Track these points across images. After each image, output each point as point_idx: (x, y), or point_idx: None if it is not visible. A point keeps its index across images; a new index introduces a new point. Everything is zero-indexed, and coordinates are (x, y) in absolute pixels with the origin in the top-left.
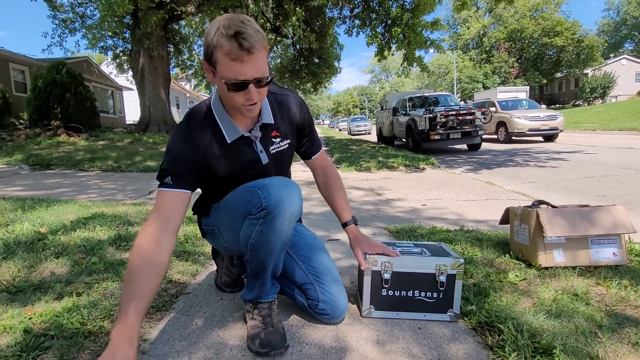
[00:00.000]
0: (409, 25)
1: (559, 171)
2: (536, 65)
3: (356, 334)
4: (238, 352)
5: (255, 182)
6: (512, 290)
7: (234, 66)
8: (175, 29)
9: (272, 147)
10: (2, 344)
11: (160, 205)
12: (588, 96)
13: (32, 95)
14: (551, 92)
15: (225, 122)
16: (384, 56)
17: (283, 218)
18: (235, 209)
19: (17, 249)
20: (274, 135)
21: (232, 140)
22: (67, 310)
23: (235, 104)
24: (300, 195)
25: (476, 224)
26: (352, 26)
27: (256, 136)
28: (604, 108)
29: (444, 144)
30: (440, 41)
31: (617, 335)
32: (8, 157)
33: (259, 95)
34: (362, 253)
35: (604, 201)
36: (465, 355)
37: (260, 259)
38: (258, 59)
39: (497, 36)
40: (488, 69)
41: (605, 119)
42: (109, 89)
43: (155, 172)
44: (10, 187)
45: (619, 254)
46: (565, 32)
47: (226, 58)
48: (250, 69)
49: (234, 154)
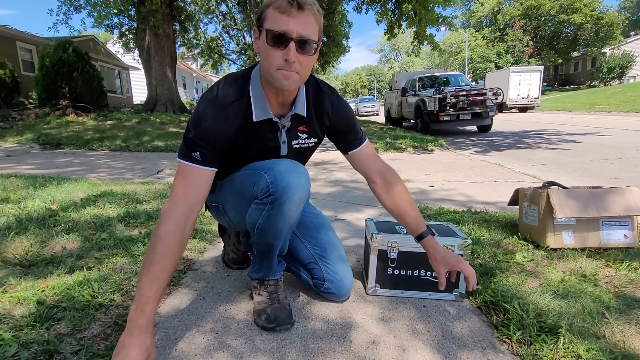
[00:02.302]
0: (420, 2)
1: (571, 153)
2: (552, 44)
3: (361, 311)
4: (245, 327)
5: (261, 163)
6: (519, 271)
7: (280, 18)
8: (181, 7)
9: (295, 142)
10: (17, 314)
11: (187, 183)
12: (605, 76)
13: (40, 75)
14: (566, 72)
15: (257, 99)
16: (394, 34)
17: (291, 204)
18: (240, 190)
19: (29, 225)
20: (302, 130)
21: (258, 120)
22: (78, 283)
23: (271, 67)
24: (308, 180)
25: (484, 205)
26: (362, 2)
27: (284, 125)
28: (621, 89)
29: (454, 126)
30: (452, 18)
31: (625, 316)
32: (19, 137)
33: (298, 64)
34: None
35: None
36: (469, 333)
37: (267, 241)
38: (307, 18)
39: (512, 13)
40: (501, 48)
41: (622, 100)
42: (116, 68)
43: (163, 152)
44: (22, 166)
45: (630, 236)
46: (585, 8)
47: (275, 11)
48: (296, 24)
49: (256, 135)
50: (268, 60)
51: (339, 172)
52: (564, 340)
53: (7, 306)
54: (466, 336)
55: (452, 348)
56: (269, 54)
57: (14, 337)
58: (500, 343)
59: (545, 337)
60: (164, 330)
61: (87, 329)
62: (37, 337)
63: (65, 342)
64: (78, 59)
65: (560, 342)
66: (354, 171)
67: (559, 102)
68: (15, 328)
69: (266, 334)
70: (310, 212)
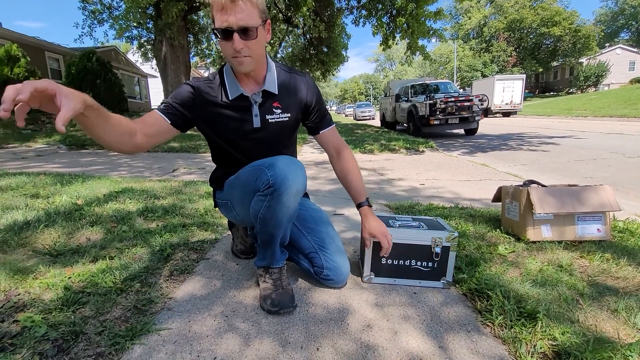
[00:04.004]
0: (413, 15)
1: (550, 154)
2: (533, 54)
3: (357, 297)
4: (251, 310)
5: (262, 160)
6: (501, 261)
7: (220, 15)
8: (194, 20)
9: (270, 116)
10: (46, 298)
11: (144, 117)
12: (582, 84)
13: (66, 82)
14: (546, 80)
15: (230, 81)
16: (389, 45)
17: (289, 194)
18: (245, 185)
19: (57, 218)
20: (275, 105)
21: (233, 98)
22: (101, 271)
23: (227, 56)
24: (304, 173)
25: (470, 202)
26: (359, 16)
27: (255, 100)
28: (597, 96)
29: (443, 129)
30: (442, 31)
31: (598, 302)
32: (48, 138)
33: (247, 49)
34: (369, 236)
35: (591, 183)
36: (455, 318)
37: (269, 230)
38: (243, 9)
39: (497, 26)
40: (487, 58)
41: (597, 106)
42: (135, 76)
43: (178, 153)
44: (50, 164)
45: (603, 230)
46: (563, 22)
47: (216, 11)
48: (233, 17)
49: (232, 112)
50: (224, 52)
51: None
52: (541, 324)
53: (37, 291)
54: (453, 320)
55: (440, 331)
56: (222, 47)
57: (44, 319)
58: (483, 327)
59: (524, 322)
60: (178, 313)
61: (109, 312)
62: (64, 319)
63: (90, 324)
64: (101, 68)
65: (538, 326)
66: None
67: (540, 107)
68: (45, 311)
69: (271, 317)
70: (310, 208)
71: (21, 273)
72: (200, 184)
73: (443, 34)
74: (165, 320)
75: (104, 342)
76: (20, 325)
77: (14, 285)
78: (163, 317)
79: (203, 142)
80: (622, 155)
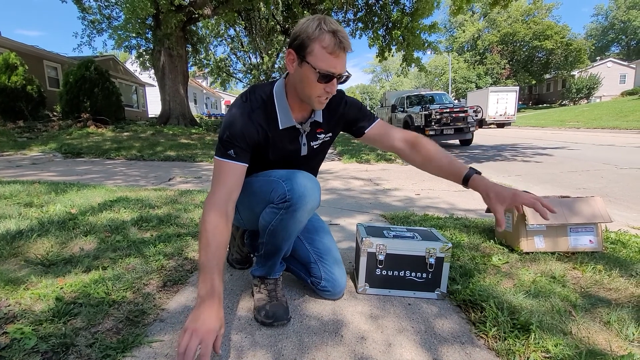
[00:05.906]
0: (408, 28)
1: (543, 165)
2: (526, 67)
3: (352, 308)
4: (245, 322)
5: (279, 172)
6: (495, 272)
7: (329, 59)
8: (193, 30)
9: (314, 142)
10: (37, 309)
11: (224, 176)
12: (574, 96)
13: (64, 90)
14: (539, 92)
15: (282, 109)
16: (385, 57)
17: (303, 211)
18: (257, 194)
19: (50, 227)
20: (319, 131)
21: (284, 128)
22: (94, 281)
23: (312, 94)
24: (319, 191)
25: (465, 212)
26: (356, 29)
27: (305, 130)
28: (589, 108)
29: (438, 139)
30: (437, 43)
31: (590, 314)
32: (43, 146)
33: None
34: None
35: (584, 194)
36: (450, 329)
37: (277, 243)
38: (345, 58)
39: (491, 39)
40: (481, 70)
41: (590, 117)
42: (133, 85)
43: (174, 162)
44: (46, 172)
45: (595, 241)
46: (555, 35)
47: (324, 51)
48: (340, 64)
49: (281, 140)
50: (310, 89)
51: (334, 181)
52: (534, 336)
53: (28, 302)
54: (447, 332)
55: (434, 343)
56: (312, 85)
57: (34, 331)
58: (477, 338)
59: (518, 333)
60: (171, 325)
61: (100, 323)
62: (55, 330)
63: (81, 336)
64: (99, 76)
65: (532, 338)
66: (347, 180)
67: (533, 119)
68: (35, 322)
69: (265, 329)
70: (312, 217)
71: (12, 283)
72: (196, 193)
73: (438, 47)
74: (158, 332)
75: (94, 355)
76: (9, 337)
77: (4, 295)
78: (155, 328)
79: (200, 150)
80: (615, 167)
